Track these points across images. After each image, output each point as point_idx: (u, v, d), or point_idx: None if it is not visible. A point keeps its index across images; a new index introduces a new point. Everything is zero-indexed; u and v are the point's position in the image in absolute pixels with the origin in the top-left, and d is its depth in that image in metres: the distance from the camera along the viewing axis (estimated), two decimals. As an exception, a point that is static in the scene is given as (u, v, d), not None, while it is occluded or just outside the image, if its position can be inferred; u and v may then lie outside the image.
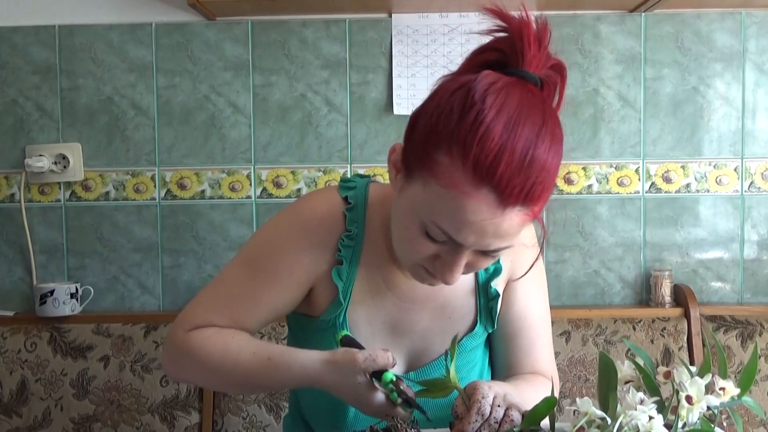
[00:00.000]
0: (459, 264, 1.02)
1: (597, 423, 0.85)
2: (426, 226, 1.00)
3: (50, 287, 2.00)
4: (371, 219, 1.19)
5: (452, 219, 0.97)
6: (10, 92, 2.10)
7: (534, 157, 0.96)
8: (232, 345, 1.14)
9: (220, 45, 2.08)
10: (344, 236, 1.17)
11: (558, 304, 2.12)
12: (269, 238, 1.20)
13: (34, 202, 2.12)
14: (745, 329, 1.96)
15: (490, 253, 1.03)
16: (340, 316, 1.18)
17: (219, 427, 1.93)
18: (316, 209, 1.19)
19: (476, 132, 0.93)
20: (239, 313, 1.18)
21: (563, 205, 2.11)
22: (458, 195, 0.95)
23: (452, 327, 1.21)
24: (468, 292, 1.23)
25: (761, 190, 2.10)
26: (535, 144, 0.97)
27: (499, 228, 0.97)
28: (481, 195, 0.94)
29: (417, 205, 1.01)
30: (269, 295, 1.18)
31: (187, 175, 2.11)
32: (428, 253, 1.03)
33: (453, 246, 1.01)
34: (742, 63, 2.08)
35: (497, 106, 0.95)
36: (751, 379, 0.91)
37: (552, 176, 1.00)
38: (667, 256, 2.11)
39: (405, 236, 1.05)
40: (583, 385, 1.93)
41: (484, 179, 0.93)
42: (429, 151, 0.98)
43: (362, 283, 1.19)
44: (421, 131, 1.00)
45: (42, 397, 1.94)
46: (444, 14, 2.07)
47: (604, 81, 2.09)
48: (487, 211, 0.95)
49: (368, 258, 1.19)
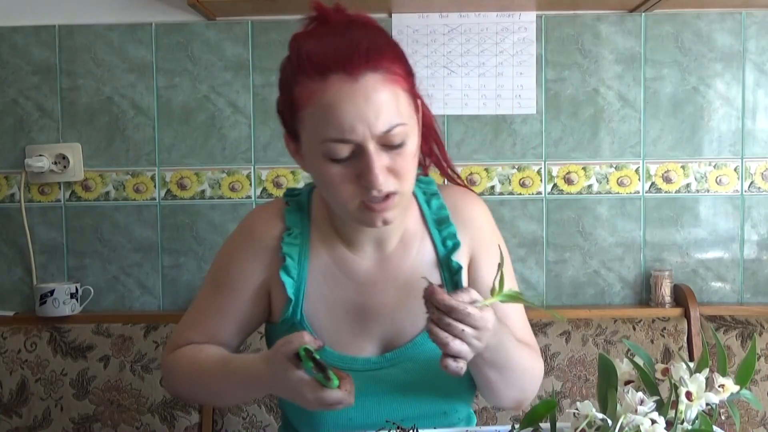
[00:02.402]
0: (373, 162, 1.05)
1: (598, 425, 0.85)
2: (325, 153, 1.06)
3: (50, 287, 2.00)
4: (316, 216, 1.25)
5: (328, 120, 1.04)
6: (10, 92, 2.10)
7: (353, 35, 1.06)
8: (199, 358, 1.23)
9: (220, 45, 2.09)
10: (285, 235, 1.23)
11: (558, 304, 2.12)
12: (223, 255, 1.29)
13: (34, 202, 2.12)
14: (745, 329, 1.96)
15: (391, 140, 1.06)
16: (296, 314, 1.21)
17: (219, 427, 1.93)
18: (257, 218, 1.28)
19: (300, 53, 1.07)
20: (210, 328, 1.26)
21: (563, 205, 2.11)
22: (319, 97, 1.04)
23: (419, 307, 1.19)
24: (429, 267, 1.23)
25: (761, 190, 2.10)
26: (349, 29, 1.08)
27: (368, 97, 1.03)
28: (332, 80, 1.04)
29: (309, 144, 1.09)
30: (232, 307, 1.25)
31: (187, 175, 2.11)
32: (347, 178, 1.07)
33: (357, 153, 1.06)
34: (742, 63, 2.08)
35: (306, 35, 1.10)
36: (750, 372, 0.91)
37: (384, 42, 1.09)
38: (667, 256, 2.11)
39: (324, 181, 1.10)
40: (583, 385, 1.93)
41: (324, 68, 1.04)
42: (288, 99, 1.09)
43: (316, 276, 1.22)
44: (280, 102, 1.14)
45: (42, 397, 1.94)
46: (444, 14, 2.07)
47: (604, 81, 2.09)
48: (345, 87, 1.03)
49: (318, 251, 1.23)
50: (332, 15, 1.11)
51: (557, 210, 2.11)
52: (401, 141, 1.07)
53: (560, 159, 2.10)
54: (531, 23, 2.07)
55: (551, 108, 2.09)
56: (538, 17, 2.08)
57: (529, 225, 2.11)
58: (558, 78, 2.09)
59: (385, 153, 1.07)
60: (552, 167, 2.10)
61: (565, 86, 2.09)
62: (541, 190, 2.10)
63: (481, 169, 2.10)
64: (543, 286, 2.12)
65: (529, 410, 1.00)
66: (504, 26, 2.07)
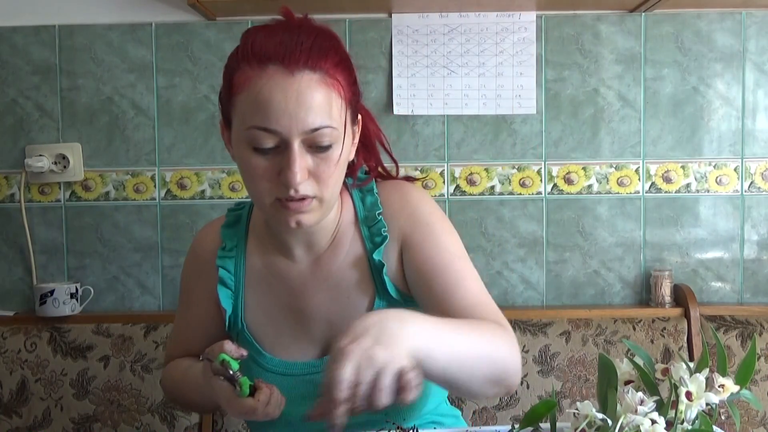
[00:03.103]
0: (294, 160, 1.05)
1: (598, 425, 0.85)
2: (249, 140, 1.07)
3: (50, 287, 2.00)
4: (254, 226, 1.29)
5: (257, 108, 1.04)
6: (10, 92, 2.10)
7: (300, 34, 1.07)
8: (175, 372, 1.33)
9: (220, 45, 2.09)
10: (219, 250, 1.28)
11: (558, 304, 2.12)
12: (182, 273, 1.37)
13: (34, 202, 2.12)
14: (745, 329, 1.96)
15: (318, 141, 1.06)
16: (237, 323, 1.26)
17: (219, 427, 1.93)
18: (199, 236, 1.35)
19: (246, 43, 1.09)
20: (183, 342, 1.36)
21: (563, 205, 2.11)
22: (252, 83, 1.05)
23: (353, 306, 1.21)
24: (357, 266, 1.22)
25: (761, 190, 2.10)
26: (299, 29, 1.09)
27: (301, 94, 1.04)
28: (269, 70, 1.05)
29: (237, 132, 1.09)
30: (193, 320, 1.34)
31: (187, 175, 2.11)
32: (267, 171, 1.07)
33: (281, 147, 1.06)
34: (742, 63, 2.08)
35: (256, 29, 1.12)
36: (749, 372, 0.91)
37: (330, 47, 1.09)
38: (667, 256, 2.11)
39: (245, 171, 1.10)
40: (583, 385, 1.93)
41: (264, 58, 1.05)
42: (227, 86, 1.11)
43: (252, 285, 1.26)
44: (222, 88, 1.14)
45: (42, 397, 1.94)
46: (444, 14, 2.07)
47: (604, 81, 2.09)
48: (280, 79, 1.04)
49: (252, 260, 1.27)
50: (294, 19, 1.13)
51: (557, 210, 2.11)
52: (328, 143, 1.07)
53: (560, 159, 2.10)
54: (531, 23, 2.07)
55: (551, 108, 2.09)
56: (538, 17, 2.08)
57: (529, 225, 2.11)
58: (558, 78, 2.09)
59: (309, 155, 1.07)
60: (552, 167, 2.10)
61: (565, 86, 2.09)
62: (541, 190, 2.10)
63: (481, 169, 2.10)
64: (543, 286, 2.12)
65: (529, 410, 1.00)
66: (504, 26, 2.07)
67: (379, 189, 1.26)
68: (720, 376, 0.88)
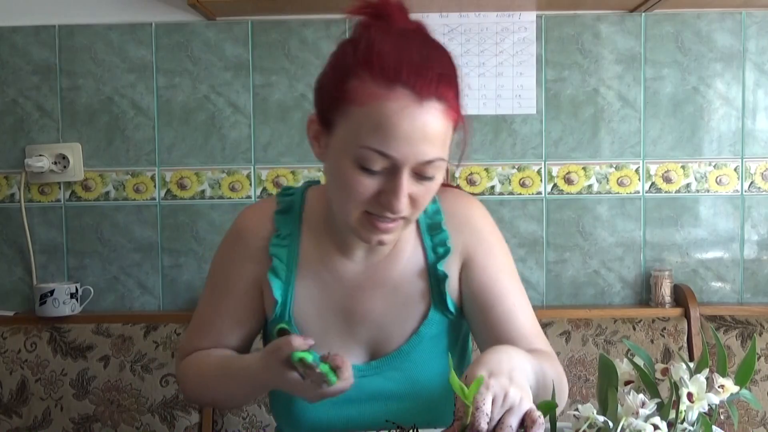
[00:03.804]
0: (401, 187, 1.03)
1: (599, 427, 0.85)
2: (359, 158, 1.03)
3: (50, 287, 2.00)
4: (308, 216, 1.24)
5: (379, 130, 1.00)
6: (10, 92, 2.10)
7: (429, 55, 1.04)
8: (204, 364, 1.25)
9: (220, 45, 2.08)
10: (273, 237, 1.22)
11: (558, 304, 2.12)
12: (217, 258, 1.29)
13: (34, 202, 2.12)
14: (745, 329, 1.96)
15: (425, 171, 1.04)
16: (284, 315, 1.21)
17: (219, 427, 1.93)
18: (246, 219, 1.27)
19: (372, 48, 1.02)
20: (213, 332, 1.27)
21: (563, 205, 2.11)
22: (377, 102, 1.00)
23: (407, 312, 1.20)
24: (417, 274, 1.21)
25: (761, 190, 2.10)
26: (426, 47, 1.06)
27: (425, 125, 1.00)
28: (397, 93, 1.00)
29: (345, 142, 1.04)
30: (229, 309, 1.26)
31: (187, 175, 2.11)
32: (369, 190, 1.04)
33: (390, 170, 1.03)
34: (742, 63, 2.08)
35: (381, 33, 1.05)
36: (749, 373, 0.91)
37: (454, 76, 1.06)
38: (667, 256, 2.11)
39: (343, 184, 1.06)
40: (583, 385, 1.93)
41: (394, 78, 1.00)
42: (339, 87, 1.04)
43: (305, 278, 1.22)
44: (327, 82, 1.07)
45: (42, 397, 1.94)
46: (444, 14, 2.07)
47: (604, 81, 2.09)
48: (408, 106, 1.00)
49: (308, 253, 1.22)
50: (396, 14, 1.09)
51: (557, 210, 2.11)
52: (433, 174, 1.06)
53: (560, 159, 2.10)
54: (531, 23, 2.07)
55: (551, 108, 2.09)
56: (538, 17, 2.08)
57: (529, 225, 2.11)
58: (558, 78, 2.09)
59: (413, 180, 1.05)
60: (552, 167, 2.10)
61: (565, 86, 2.09)
62: (541, 190, 2.10)
63: (481, 169, 2.10)
64: (543, 286, 2.12)
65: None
66: (504, 26, 2.07)
67: (440, 197, 1.23)
68: (720, 376, 0.88)
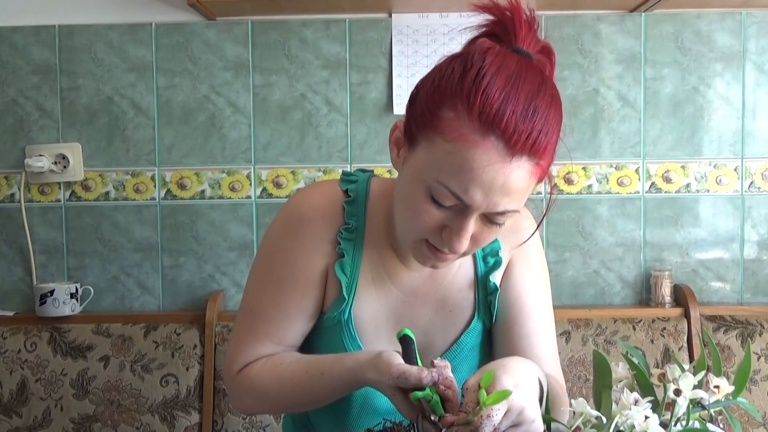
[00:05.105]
0: (467, 229, 0.99)
1: (593, 423, 0.85)
2: (432, 190, 0.98)
3: (50, 287, 2.00)
4: (372, 212, 1.18)
5: (459, 174, 0.95)
6: (10, 92, 2.11)
7: (537, 107, 0.98)
8: (283, 372, 1.14)
9: (220, 45, 2.09)
10: (343, 229, 1.15)
11: (558, 304, 2.11)
12: (278, 246, 1.18)
13: (34, 202, 2.13)
14: (745, 329, 1.96)
15: (496, 219, 1.01)
16: (344, 313, 1.16)
17: (219, 427, 1.93)
18: (315, 203, 1.17)
19: (479, 84, 0.95)
20: (278, 334, 1.18)
21: (562, 205, 2.11)
22: (465, 146, 0.95)
23: (452, 321, 1.19)
24: (467, 285, 1.21)
25: (761, 190, 2.10)
26: (536, 96, 0.99)
27: (508, 181, 0.96)
28: (488, 143, 0.94)
29: (422, 169, 0.99)
30: (297, 303, 1.17)
31: (187, 175, 2.11)
32: (434, 222, 1.00)
33: (460, 209, 0.99)
34: (742, 63, 2.08)
35: (497, 64, 0.97)
36: (746, 378, 0.91)
37: (555, 132, 1.03)
38: (667, 256, 2.11)
39: (410, 208, 1.02)
40: (583, 385, 1.92)
41: (490, 127, 0.94)
42: (433, 110, 0.98)
43: (366, 277, 1.17)
44: (424, 96, 1.00)
45: (42, 397, 1.95)
46: (444, 14, 2.07)
47: (604, 81, 2.09)
48: (496, 160, 0.95)
49: (370, 251, 1.17)
50: (523, 33, 1.04)
51: (557, 210, 2.10)
52: (503, 222, 1.03)
53: (560, 159, 2.09)
54: (531, 23, 2.07)
55: (551, 108, 2.09)
56: (538, 17, 2.07)
57: (529, 225, 2.11)
58: (558, 78, 2.06)
59: (481, 222, 1.02)
60: (552, 167, 2.09)
61: (565, 86, 2.09)
62: (541, 190, 2.10)
63: (481, 169, 2.10)
64: (543, 286, 2.12)
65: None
66: (504, 26, 2.07)
67: None
68: (714, 376, 0.88)
